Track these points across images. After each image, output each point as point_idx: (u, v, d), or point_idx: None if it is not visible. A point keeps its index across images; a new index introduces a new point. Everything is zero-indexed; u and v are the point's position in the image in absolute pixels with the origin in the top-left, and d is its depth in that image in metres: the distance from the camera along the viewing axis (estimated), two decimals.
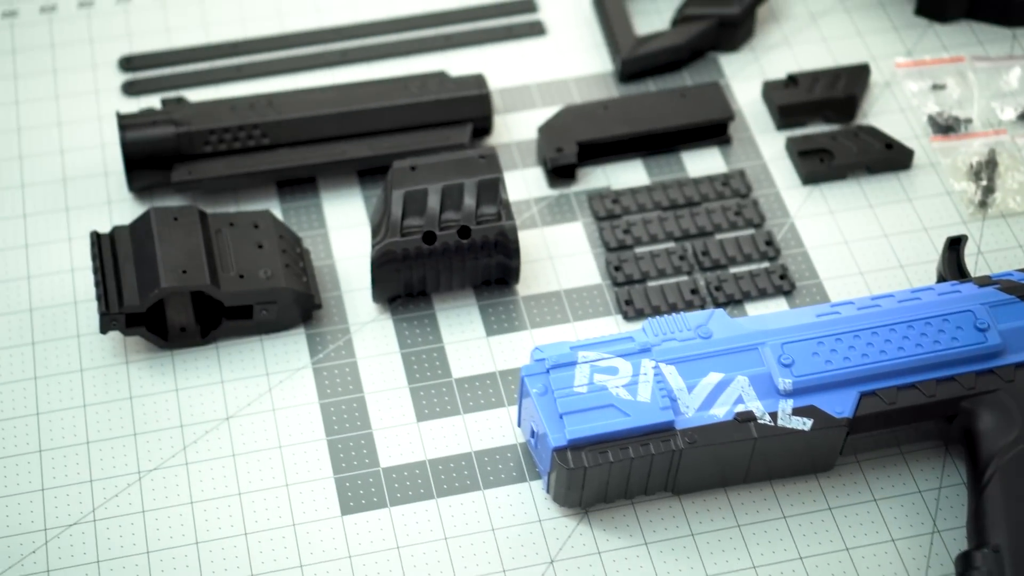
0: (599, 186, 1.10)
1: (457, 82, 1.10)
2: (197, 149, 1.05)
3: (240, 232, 1.00)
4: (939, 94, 1.16)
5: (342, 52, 1.17)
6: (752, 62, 1.18)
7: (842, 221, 1.08)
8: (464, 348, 1.01)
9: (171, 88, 1.14)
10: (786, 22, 1.21)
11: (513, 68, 1.17)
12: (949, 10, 1.20)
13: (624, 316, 1.03)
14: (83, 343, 0.99)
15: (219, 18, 1.20)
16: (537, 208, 1.09)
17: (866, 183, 1.11)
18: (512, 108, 1.14)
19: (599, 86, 1.16)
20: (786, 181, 1.11)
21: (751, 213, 1.08)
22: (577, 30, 1.20)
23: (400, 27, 1.19)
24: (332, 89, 1.09)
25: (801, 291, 1.04)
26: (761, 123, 1.14)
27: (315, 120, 1.07)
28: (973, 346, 0.94)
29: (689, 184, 1.10)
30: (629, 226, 1.07)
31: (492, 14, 1.20)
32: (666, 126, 1.11)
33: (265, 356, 0.99)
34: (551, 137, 1.10)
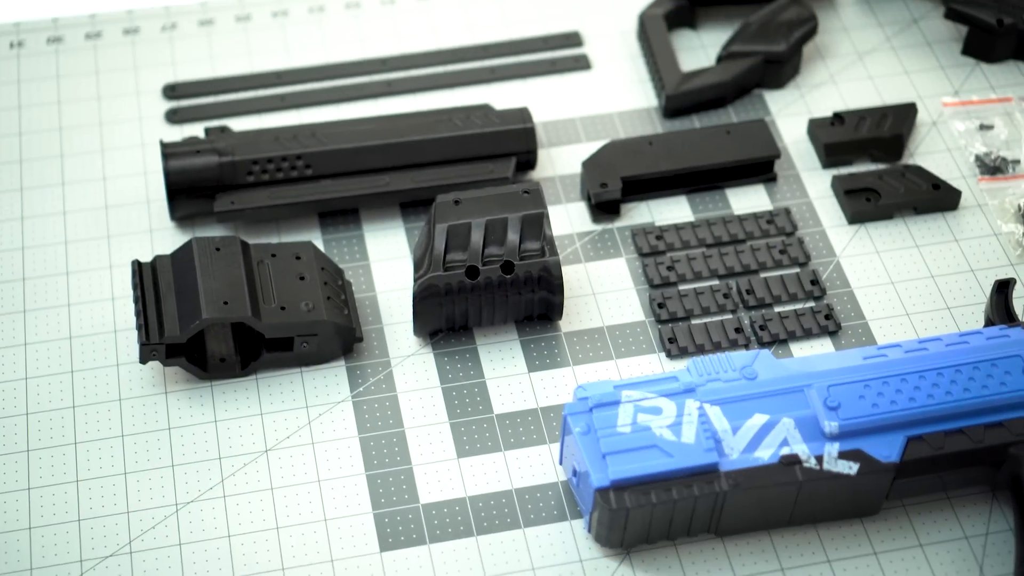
0: (643, 222, 1.09)
1: (502, 115, 1.09)
2: (240, 179, 1.05)
3: (282, 263, 0.99)
4: (986, 134, 1.15)
5: (386, 83, 1.17)
6: (798, 99, 1.17)
7: (888, 261, 1.07)
8: (505, 384, 1.00)
9: (214, 117, 1.14)
10: (832, 60, 1.20)
11: (558, 102, 1.17)
12: (997, 50, 1.19)
13: (667, 354, 1.02)
14: (122, 372, 0.99)
15: (263, 47, 1.20)
16: (580, 243, 1.08)
17: (912, 223, 1.09)
18: (556, 142, 1.14)
19: (643, 121, 1.15)
20: (832, 220, 1.10)
21: (796, 251, 1.07)
22: (622, 65, 1.20)
23: (445, 59, 1.19)
24: (376, 120, 1.09)
25: (847, 331, 1.03)
26: (807, 161, 1.13)
27: (358, 151, 1.06)
28: (1021, 392, 0.92)
29: (734, 221, 1.09)
30: (673, 263, 1.06)
31: (537, 48, 1.20)
32: (711, 163, 1.10)
33: (305, 389, 0.99)
34: (595, 172, 1.09)
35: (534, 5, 1.24)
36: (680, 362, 1.01)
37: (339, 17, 1.22)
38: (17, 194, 1.09)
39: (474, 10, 1.23)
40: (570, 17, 1.23)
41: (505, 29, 1.22)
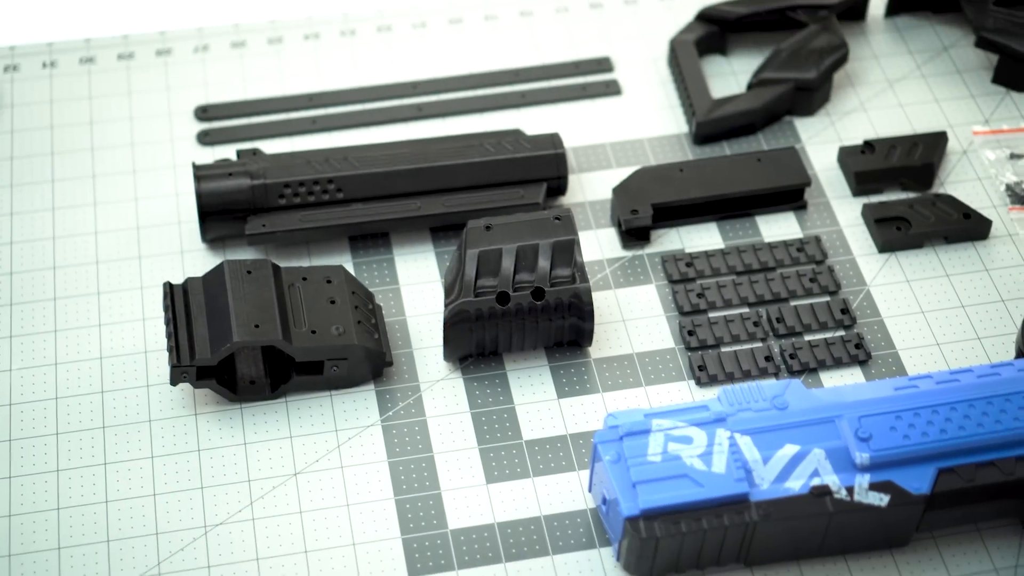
0: (673, 248, 1.09)
1: (533, 141, 1.09)
2: (271, 202, 1.05)
3: (313, 287, 0.99)
4: (1017, 163, 1.15)
5: (417, 107, 1.17)
6: (828, 127, 1.17)
7: (919, 290, 1.07)
8: (535, 409, 1.00)
9: (246, 139, 1.14)
10: (863, 87, 1.20)
11: (588, 127, 1.17)
12: None
13: (697, 382, 1.01)
14: (152, 393, 0.99)
15: (295, 69, 1.20)
16: (610, 269, 1.08)
17: (943, 252, 1.09)
18: (586, 167, 1.14)
19: (674, 147, 1.15)
20: (862, 248, 1.09)
21: (827, 280, 1.07)
22: (652, 90, 1.20)
23: (476, 83, 1.19)
24: (407, 144, 1.09)
25: (877, 361, 1.03)
26: (837, 189, 1.13)
27: (390, 175, 1.06)
28: None
29: (764, 249, 1.08)
30: (703, 290, 1.06)
31: (568, 73, 1.20)
32: (742, 190, 1.10)
33: (334, 412, 0.99)
34: (626, 199, 1.09)
35: (565, 30, 1.24)
36: (710, 390, 1.01)
37: (370, 40, 1.23)
38: (49, 214, 1.10)
39: (505, 34, 1.23)
40: (600, 42, 1.23)
41: (536, 54, 1.22)
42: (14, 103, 1.17)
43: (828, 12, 1.20)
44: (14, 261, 1.07)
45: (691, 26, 1.21)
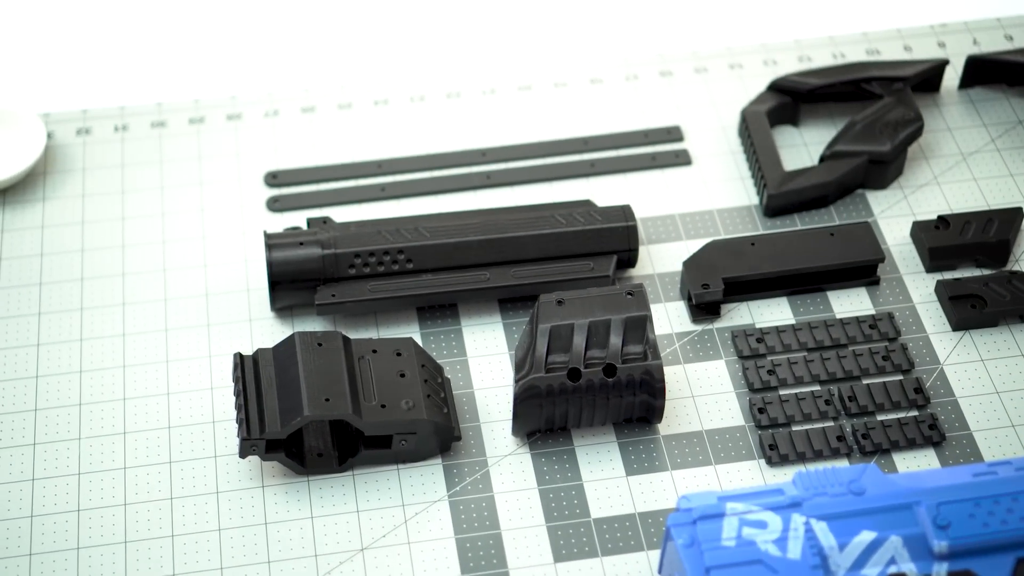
0: (743, 323, 1.08)
1: (604, 212, 1.08)
2: (341, 271, 1.05)
3: (383, 359, 0.99)
4: None
5: (486, 174, 1.16)
6: (901, 200, 1.16)
7: (993, 370, 1.05)
8: (603, 487, 0.98)
9: (315, 205, 1.14)
10: (936, 161, 1.18)
11: (658, 197, 1.16)
12: None
13: (768, 461, 1.00)
14: (220, 464, 0.99)
15: (364, 135, 1.20)
16: (680, 343, 1.07)
17: (1018, 331, 1.07)
18: (656, 239, 1.13)
19: (744, 219, 1.14)
20: (936, 326, 1.08)
21: (899, 358, 1.05)
22: (723, 160, 1.19)
23: (545, 151, 1.19)
24: (477, 214, 1.09)
25: (951, 442, 1.01)
26: (910, 264, 1.11)
27: (459, 246, 1.06)
28: None
29: (836, 325, 1.07)
30: (774, 366, 1.05)
31: (638, 142, 1.19)
32: (814, 265, 1.08)
33: (402, 486, 0.98)
34: (696, 272, 1.08)
35: (635, 98, 1.23)
36: (781, 469, 1.00)
37: (439, 106, 1.22)
38: (119, 279, 1.10)
39: (574, 102, 1.23)
40: (671, 111, 1.22)
41: (606, 122, 1.21)
42: (86, 167, 1.18)
43: (903, 84, 1.19)
44: (84, 328, 1.07)
45: (763, 96, 1.20)
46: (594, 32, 1.32)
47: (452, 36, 1.32)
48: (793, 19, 1.33)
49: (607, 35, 1.32)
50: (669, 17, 1.34)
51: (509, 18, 1.34)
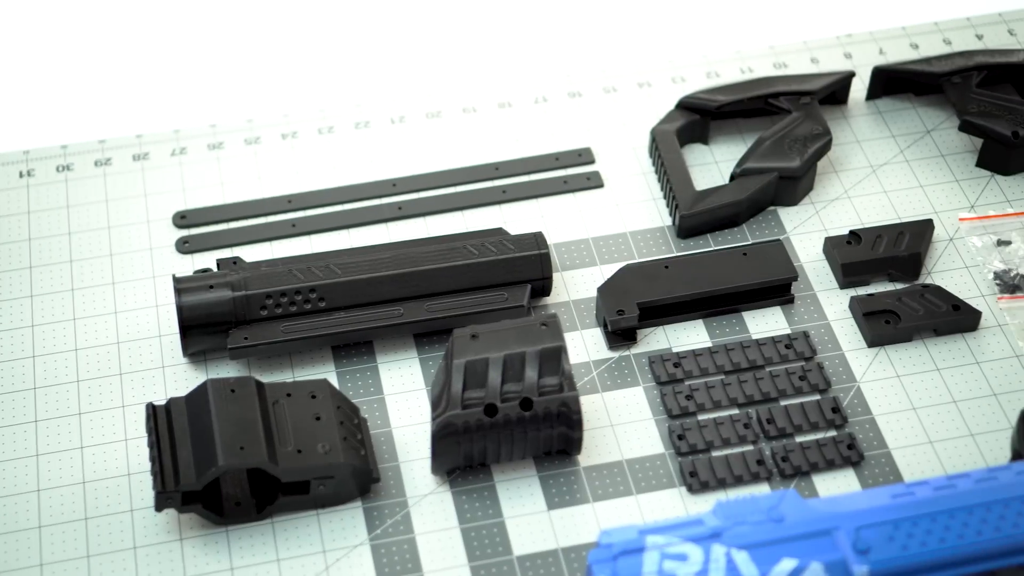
0: (660, 348, 1.08)
1: (516, 241, 1.08)
2: (253, 313, 1.03)
3: (297, 403, 0.97)
4: (1004, 250, 1.14)
5: (398, 206, 1.15)
6: (813, 216, 1.16)
7: (909, 386, 1.06)
8: (525, 522, 0.98)
9: (225, 245, 1.12)
10: (846, 175, 1.19)
11: (571, 221, 1.16)
12: (1012, 163, 1.18)
13: (689, 489, 1.00)
14: (137, 518, 0.97)
15: (273, 171, 1.18)
16: (597, 372, 1.06)
17: (932, 345, 1.08)
18: (570, 265, 1.13)
19: (657, 241, 1.14)
20: (851, 343, 1.08)
21: (816, 378, 1.06)
22: (634, 181, 1.18)
23: (456, 179, 1.18)
24: (389, 248, 1.08)
25: (870, 461, 1.01)
26: (823, 281, 1.12)
27: (372, 283, 1.05)
28: None
29: (752, 346, 1.07)
30: (692, 391, 1.05)
31: (549, 165, 1.19)
32: (728, 286, 1.09)
33: (322, 532, 0.97)
34: (611, 298, 1.08)
35: (545, 121, 1.23)
36: (702, 496, 1.00)
37: (348, 137, 1.21)
38: (28, 331, 1.08)
39: (484, 128, 1.22)
40: (581, 133, 1.22)
41: (516, 146, 1.21)
42: None
43: (810, 98, 1.19)
44: None
45: (671, 115, 1.20)
46: (502, 55, 1.32)
47: (357, 66, 1.31)
48: (701, 34, 1.33)
49: (515, 58, 1.31)
50: (576, 37, 1.34)
51: (415, 46, 1.33)
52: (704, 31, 1.34)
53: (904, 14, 1.33)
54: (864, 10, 1.35)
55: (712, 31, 1.33)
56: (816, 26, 1.33)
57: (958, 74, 1.21)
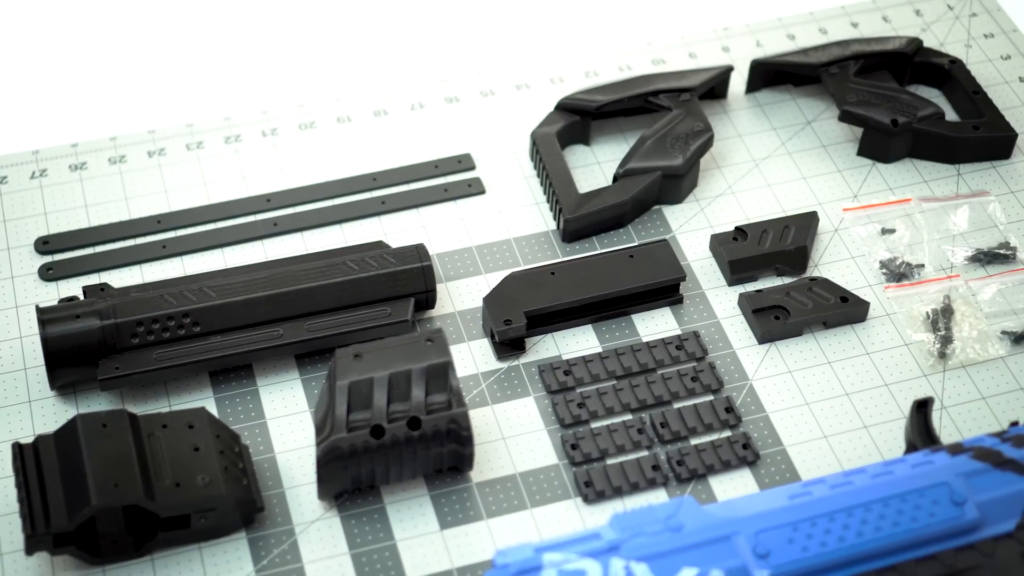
0: (550, 356, 1.05)
1: (397, 254, 1.05)
2: (124, 342, 0.99)
3: (174, 434, 0.93)
4: (889, 239, 1.13)
5: (273, 222, 1.11)
6: (698, 213, 1.14)
7: (801, 381, 1.04)
8: (418, 544, 0.95)
9: (92, 270, 1.07)
10: (729, 170, 1.17)
11: (453, 230, 1.12)
12: (892, 151, 1.17)
13: (584, 499, 0.97)
14: (7, 563, 0.92)
15: (140, 190, 1.14)
16: (486, 383, 1.04)
17: (823, 338, 1.07)
18: (454, 275, 1.10)
19: (543, 246, 1.12)
20: (741, 340, 1.07)
21: (708, 378, 1.04)
22: (516, 186, 1.16)
23: (333, 191, 1.14)
24: (265, 267, 1.04)
25: (766, 460, 1.00)
26: (711, 278, 1.10)
27: (248, 304, 1.01)
28: (951, 521, 0.90)
29: (643, 349, 1.05)
30: (583, 399, 1.02)
31: (428, 173, 1.16)
32: (616, 290, 1.06)
33: (204, 567, 0.93)
34: (497, 308, 1.05)
35: (422, 128, 1.19)
36: (598, 506, 0.97)
37: (219, 152, 1.17)
38: None
39: (360, 137, 1.19)
40: (460, 138, 1.19)
41: (394, 155, 1.18)
42: None
43: (690, 95, 1.17)
44: None
45: (551, 117, 1.18)
46: (376, 61, 1.28)
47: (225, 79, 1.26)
48: (578, 33, 1.31)
49: (390, 63, 1.28)
50: (452, 40, 1.30)
51: (285, 54, 1.29)
52: (581, 30, 1.31)
53: (780, 5, 1.32)
54: (740, 2, 1.34)
55: (589, 29, 1.31)
56: (693, 21, 1.32)
57: (835, 64, 1.20)
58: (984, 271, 1.11)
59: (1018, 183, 1.17)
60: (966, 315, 1.08)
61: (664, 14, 1.32)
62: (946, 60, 1.23)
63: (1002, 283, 1.10)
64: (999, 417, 1.02)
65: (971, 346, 1.07)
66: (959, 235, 1.13)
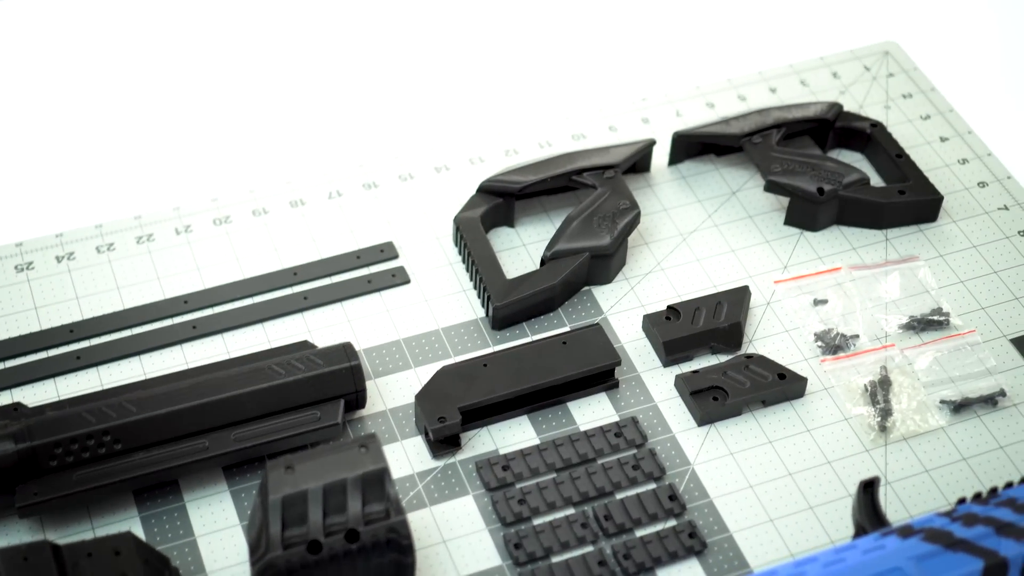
0: (487, 451, 1.02)
1: (324, 355, 1.01)
2: (42, 465, 0.94)
3: (99, 563, 0.88)
4: (822, 310, 1.12)
5: (192, 324, 1.07)
6: (629, 293, 1.12)
7: (744, 463, 1.02)
8: None
9: (3, 387, 1.02)
10: (657, 245, 1.15)
11: (380, 323, 1.09)
12: (819, 219, 1.16)
13: None
14: None
15: (50, 299, 1.09)
16: (423, 484, 1.00)
17: (762, 417, 1.05)
18: (384, 370, 1.06)
19: (472, 335, 1.09)
20: (680, 423, 1.04)
21: (650, 465, 1.01)
22: (443, 273, 1.13)
23: (253, 289, 1.10)
24: (187, 375, 1.00)
25: (713, 548, 0.98)
26: (646, 359, 1.08)
27: (171, 417, 0.97)
28: None
29: (581, 439, 1.02)
30: (524, 495, 0.99)
31: (351, 265, 1.12)
32: (551, 379, 1.04)
33: None
34: (430, 405, 1.01)
35: (342, 217, 1.16)
36: None
37: (131, 253, 1.12)
38: None
39: (278, 230, 1.15)
40: (381, 227, 1.16)
41: (314, 248, 1.14)
42: None
43: (614, 172, 1.15)
44: None
45: (473, 200, 1.15)
46: (290, 149, 1.24)
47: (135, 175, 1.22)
48: (497, 110, 1.28)
49: (304, 150, 1.24)
50: (367, 123, 1.27)
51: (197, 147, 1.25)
52: (499, 105, 1.29)
53: (698, 73, 1.31)
54: (658, 72, 1.32)
55: (508, 105, 1.29)
56: (611, 92, 1.30)
57: (757, 133, 1.19)
58: (919, 338, 1.10)
59: (946, 246, 1.16)
60: (904, 386, 1.07)
61: (582, 86, 1.31)
62: (867, 124, 1.23)
63: (937, 350, 1.09)
64: (944, 491, 1.01)
65: (911, 418, 1.05)
66: (891, 303, 1.13)
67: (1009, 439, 1.04)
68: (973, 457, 1.03)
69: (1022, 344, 1.10)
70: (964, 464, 1.03)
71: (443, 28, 1.37)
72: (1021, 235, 1.18)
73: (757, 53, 1.34)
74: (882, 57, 1.32)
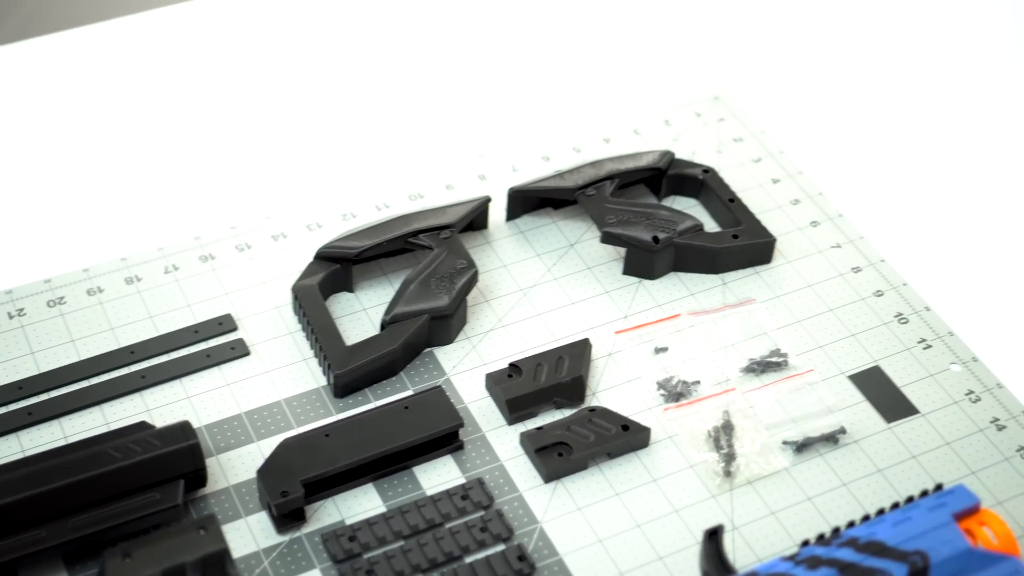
0: (332, 522, 1.01)
1: (161, 435, 0.99)
2: None
3: None
4: (663, 357, 1.13)
5: (27, 411, 1.05)
6: (471, 352, 1.12)
7: (592, 517, 1.03)
8: None
9: None
10: (498, 302, 1.16)
11: (220, 398, 1.08)
12: (657, 267, 1.18)
13: None
14: None
15: None
16: (268, 560, 0.99)
17: (609, 469, 1.06)
18: (225, 445, 1.05)
19: (315, 405, 1.08)
20: (527, 481, 1.05)
21: (498, 526, 1.01)
22: (282, 344, 1.12)
23: (88, 370, 1.08)
24: (19, 465, 0.97)
25: None
26: (490, 419, 1.08)
27: (4, 509, 0.94)
28: None
29: (428, 504, 1.02)
30: (372, 565, 0.98)
31: (188, 340, 1.11)
32: (394, 445, 1.03)
33: None
34: (272, 479, 1.00)
35: (177, 291, 1.15)
36: None
37: None
38: None
39: (113, 308, 1.13)
40: (219, 299, 1.15)
41: (150, 324, 1.12)
42: None
43: (450, 232, 1.16)
44: None
45: (311, 267, 1.14)
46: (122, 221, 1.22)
47: None
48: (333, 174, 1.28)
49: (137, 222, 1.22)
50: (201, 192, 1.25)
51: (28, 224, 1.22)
52: (335, 168, 1.28)
53: (533, 126, 1.32)
54: (494, 126, 1.33)
55: (342, 168, 1.28)
56: (447, 149, 1.30)
57: (591, 186, 1.20)
58: (759, 380, 1.12)
59: (781, 287, 1.18)
60: (746, 429, 1.08)
61: (417, 144, 1.31)
62: (699, 170, 1.25)
63: (777, 391, 1.11)
64: (791, 531, 1.02)
65: (755, 460, 1.07)
66: (731, 346, 1.14)
67: (851, 476, 1.06)
68: (817, 496, 1.05)
69: (860, 380, 1.13)
70: (809, 504, 1.04)
71: (263, 100, 1.36)
72: (854, 272, 1.20)
73: (591, 104, 1.36)
74: (712, 102, 1.35)
